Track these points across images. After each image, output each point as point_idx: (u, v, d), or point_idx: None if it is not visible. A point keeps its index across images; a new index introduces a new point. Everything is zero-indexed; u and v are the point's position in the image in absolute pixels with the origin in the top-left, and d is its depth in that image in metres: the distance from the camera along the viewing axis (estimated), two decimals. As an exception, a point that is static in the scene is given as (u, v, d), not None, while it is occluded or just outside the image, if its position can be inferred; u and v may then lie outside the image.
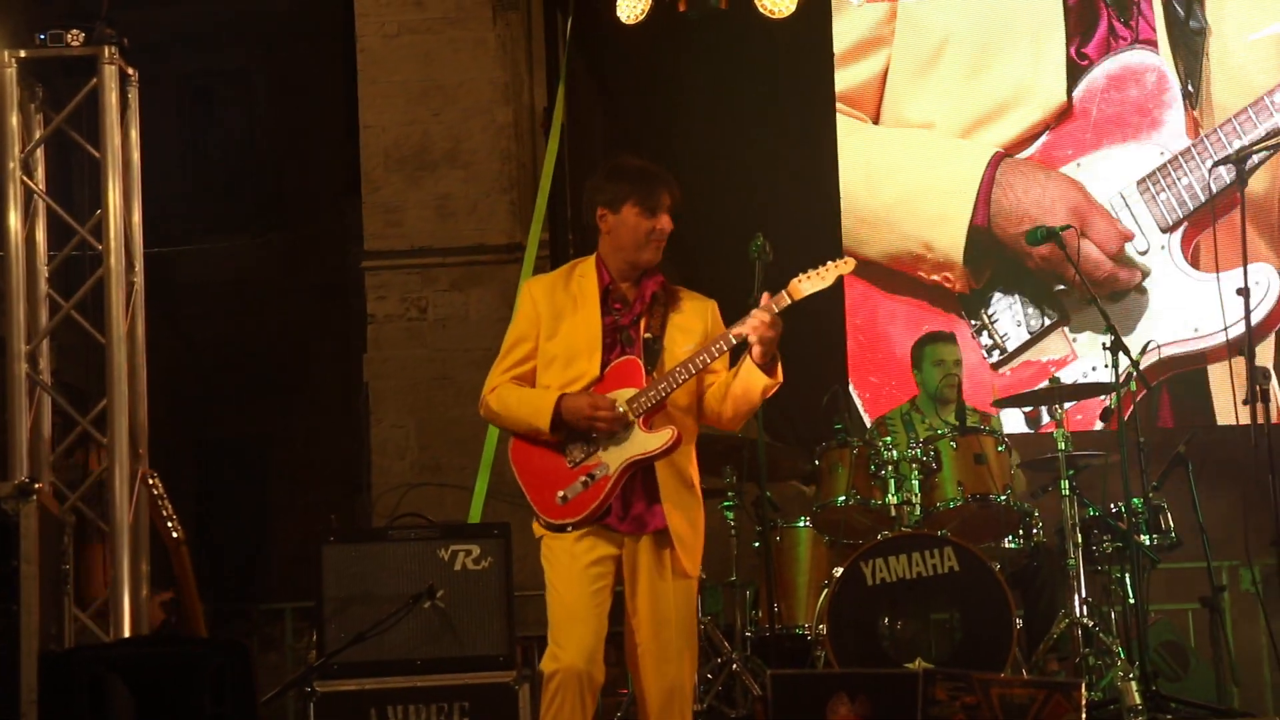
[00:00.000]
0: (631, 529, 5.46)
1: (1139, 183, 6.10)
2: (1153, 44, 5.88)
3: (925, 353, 8.36)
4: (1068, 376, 6.28)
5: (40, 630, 5.22)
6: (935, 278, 6.02)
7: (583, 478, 5.42)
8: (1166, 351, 6.13)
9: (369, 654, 6.80)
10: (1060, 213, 6.20)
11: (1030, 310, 6.41)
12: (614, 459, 5.41)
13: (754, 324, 5.36)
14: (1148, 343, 8.87)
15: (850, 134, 6.40)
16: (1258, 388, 5.76)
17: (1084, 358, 6.18)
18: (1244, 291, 6.08)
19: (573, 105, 10.40)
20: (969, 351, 6.46)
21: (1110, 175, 5.93)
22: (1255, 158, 5.82)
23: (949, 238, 5.78)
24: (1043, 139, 6.20)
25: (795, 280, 5.46)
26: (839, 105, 6.91)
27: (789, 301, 5.43)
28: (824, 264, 5.49)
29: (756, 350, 5.38)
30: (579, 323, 5.51)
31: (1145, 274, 6.11)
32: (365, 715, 6.75)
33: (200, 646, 5.26)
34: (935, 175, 6.31)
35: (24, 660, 5.15)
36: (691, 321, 5.59)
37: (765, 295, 5.44)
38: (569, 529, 5.43)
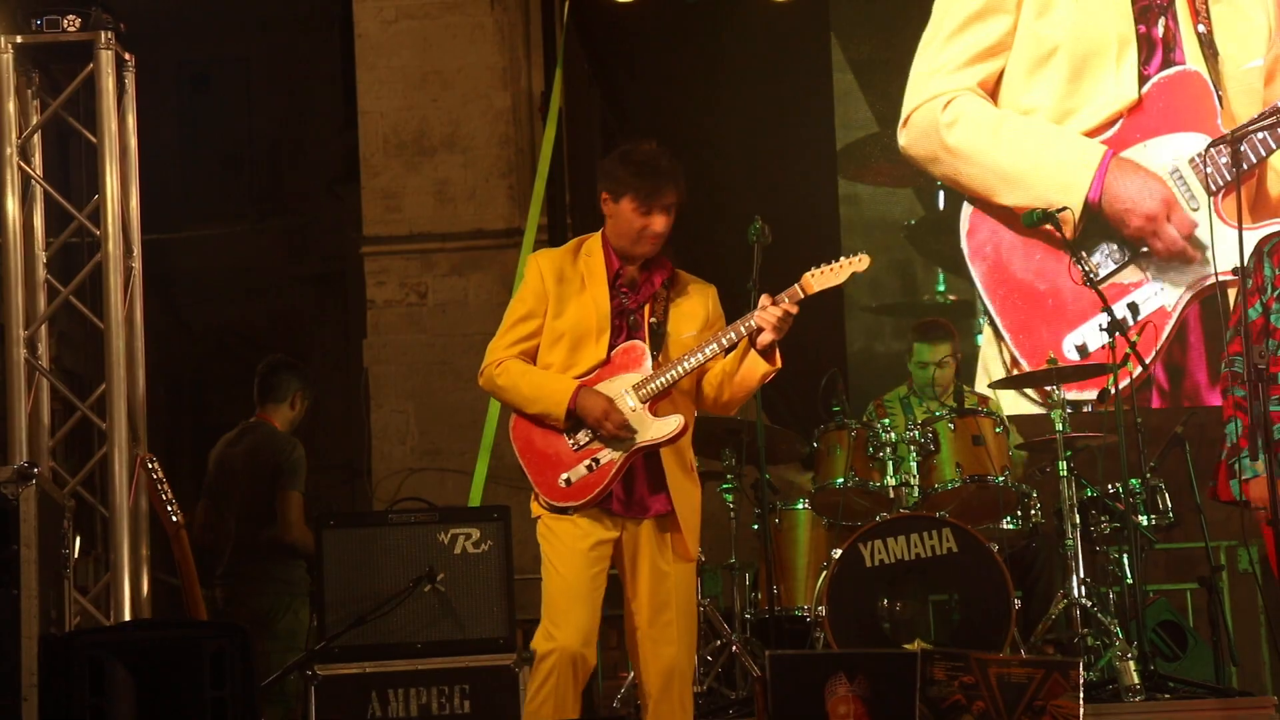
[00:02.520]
0: (633, 513, 5.45)
1: (1189, 160, 8.23)
2: (1195, 60, 8.26)
3: (915, 349, 8.37)
4: (1141, 295, 8.33)
5: (40, 614, 5.23)
6: (1048, 226, 7.55)
7: (587, 461, 5.41)
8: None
9: (369, 637, 6.81)
10: (1152, 202, 8.17)
11: (1114, 249, 8.41)
12: (621, 444, 5.40)
13: (773, 318, 5.31)
14: (1147, 323, 8.93)
15: (983, 110, 8.47)
16: (1255, 365, 5.77)
17: (1153, 281, 8.40)
18: (1241, 270, 6.08)
19: (570, 89, 10.40)
20: (1063, 276, 8.34)
21: (1166, 155, 8.22)
22: (1254, 138, 6.50)
23: (1068, 203, 7.60)
24: (1118, 125, 8.37)
25: (808, 275, 5.41)
26: (977, 89, 8.77)
27: (801, 295, 5.40)
28: (838, 260, 5.45)
29: (766, 338, 5.36)
30: (587, 303, 5.48)
31: (1202, 247, 8.19)
32: (366, 698, 6.76)
33: (200, 630, 5.27)
34: (1058, 155, 8.43)
35: (24, 644, 5.17)
36: (694, 307, 5.57)
37: (765, 297, 5.38)
38: (571, 512, 5.42)
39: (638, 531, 5.46)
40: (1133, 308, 7.42)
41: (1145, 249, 8.53)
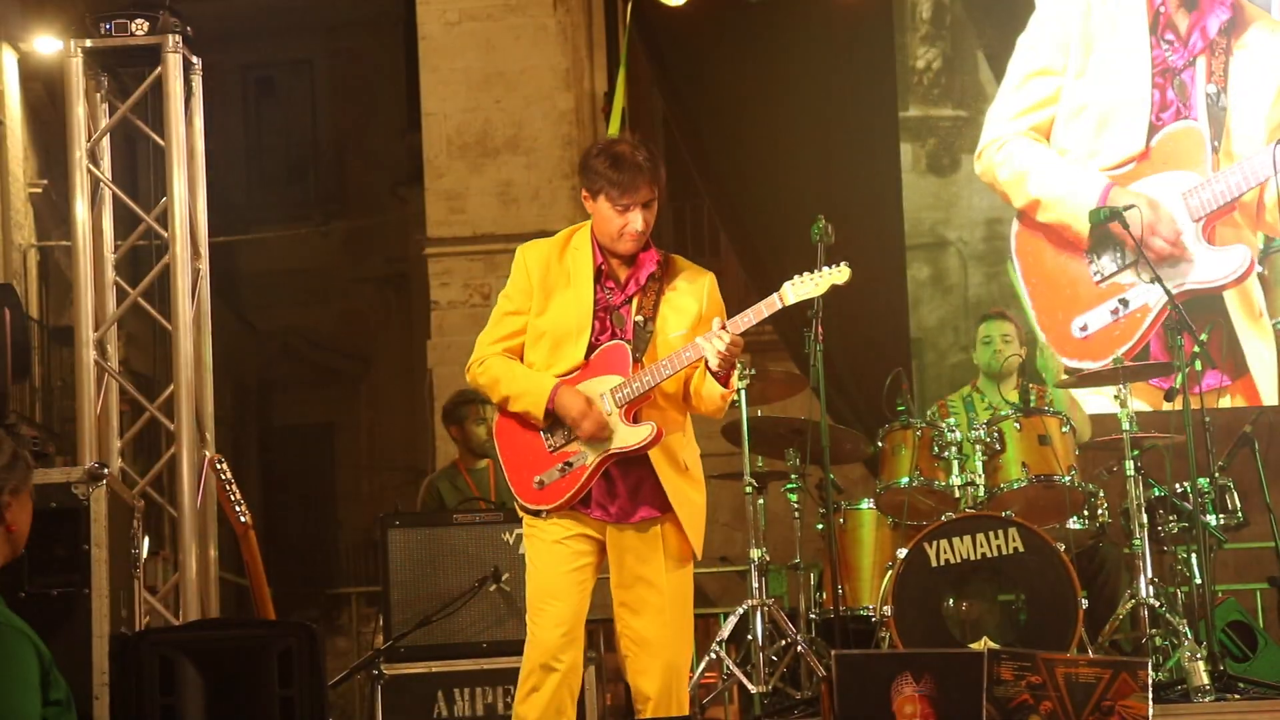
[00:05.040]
0: (613, 519, 5.33)
1: (1182, 194, 10.38)
2: (1194, 117, 10.53)
3: (978, 332, 8.39)
4: (1132, 294, 10.13)
5: (111, 613, 5.27)
6: (1070, 236, 10.25)
7: (560, 464, 5.29)
8: (1190, 288, 10.27)
9: (435, 637, 6.84)
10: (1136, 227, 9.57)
11: (1119, 254, 10.49)
12: (593, 450, 5.27)
13: (713, 350, 5.18)
14: (1211, 323, 8.88)
15: (1028, 151, 10.74)
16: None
17: (1142, 284, 10.25)
18: None
19: (633, 90, 10.41)
20: (1081, 272, 10.49)
21: (1164, 190, 10.42)
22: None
23: (1082, 223, 10.02)
24: (1130, 166, 10.50)
25: (787, 284, 5.30)
26: (1030, 132, 10.73)
27: (779, 306, 5.29)
28: (819, 269, 5.34)
29: (713, 365, 5.21)
30: (569, 302, 5.36)
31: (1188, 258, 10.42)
32: (432, 698, 6.80)
33: (268, 629, 5.30)
34: (1075, 185, 10.54)
35: (95, 643, 5.21)
36: (685, 301, 5.40)
37: (717, 320, 5.21)
38: (544, 514, 5.32)
39: (621, 535, 5.33)
40: (1123, 302, 9.47)
41: (1134, 259, 10.38)
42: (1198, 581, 7.40)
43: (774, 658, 7.39)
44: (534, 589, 5.37)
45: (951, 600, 7.18)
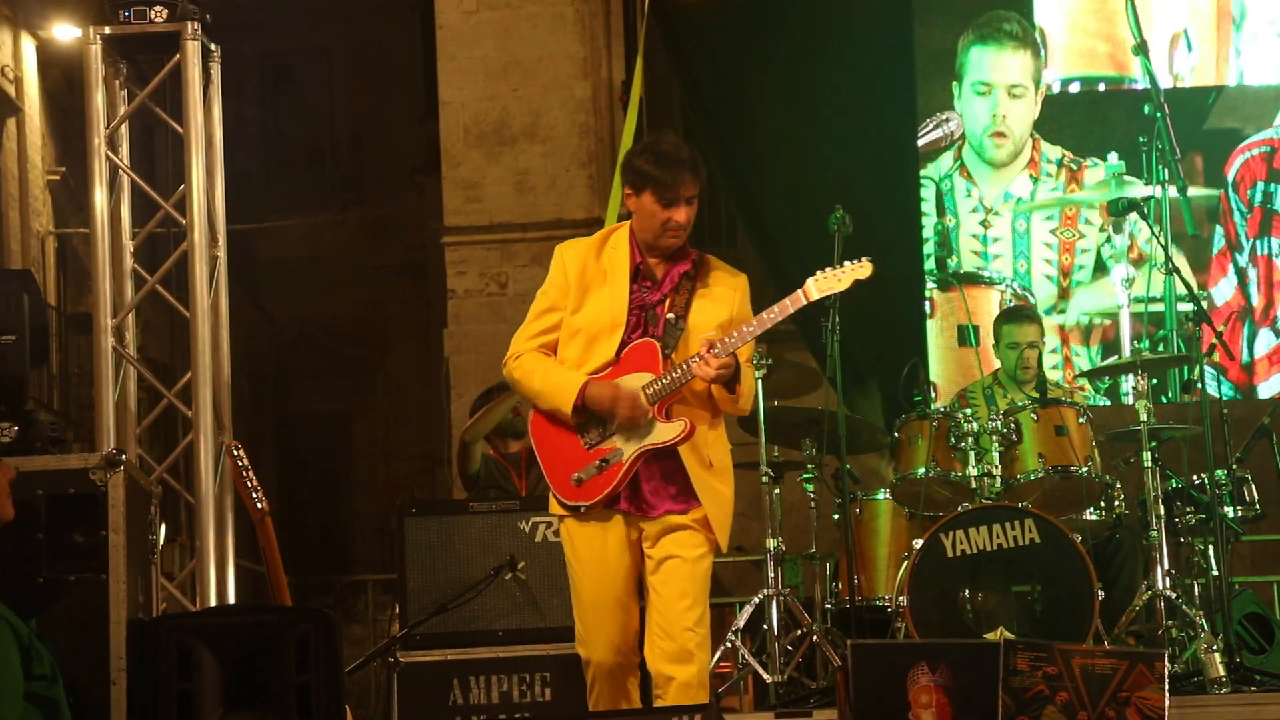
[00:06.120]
0: (643, 512, 5.41)
1: None
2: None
3: (1003, 332, 8.33)
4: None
5: (128, 599, 5.28)
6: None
7: (598, 461, 5.38)
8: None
9: (451, 625, 6.85)
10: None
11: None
12: (628, 446, 5.35)
13: (702, 373, 5.28)
14: (1232, 314, 8.87)
15: None
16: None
17: None
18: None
19: (651, 79, 10.39)
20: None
21: None
22: None
23: None
24: None
25: (810, 280, 5.42)
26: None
27: (804, 301, 5.39)
28: (841, 265, 5.44)
29: (707, 380, 5.31)
30: (605, 300, 5.45)
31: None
32: (448, 685, 6.81)
33: (285, 615, 5.31)
34: None
35: (113, 628, 5.22)
36: (718, 303, 5.48)
37: (706, 341, 5.29)
38: (582, 510, 5.41)
39: (651, 529, 5.41)
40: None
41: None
42: (1214, 573, 7.39)
43: (789, 647, 7.39)
44: (581, 605, 5.48)
45: (967, 591, 7.17)
